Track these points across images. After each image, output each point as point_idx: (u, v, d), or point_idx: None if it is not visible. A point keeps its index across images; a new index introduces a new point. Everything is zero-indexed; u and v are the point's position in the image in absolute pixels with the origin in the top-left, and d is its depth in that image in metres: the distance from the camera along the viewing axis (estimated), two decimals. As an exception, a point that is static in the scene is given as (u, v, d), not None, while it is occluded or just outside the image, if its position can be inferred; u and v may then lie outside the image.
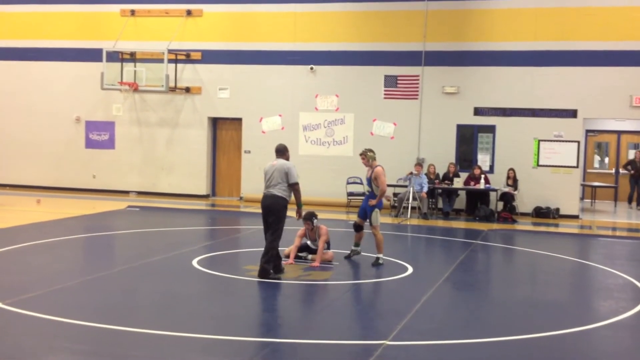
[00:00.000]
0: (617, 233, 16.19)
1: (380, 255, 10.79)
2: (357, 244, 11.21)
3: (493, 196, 17.56)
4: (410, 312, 7.90)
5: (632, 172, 20.23)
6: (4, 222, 14.02)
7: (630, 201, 20.39)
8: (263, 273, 9.48)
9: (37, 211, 16.36)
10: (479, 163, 18.08)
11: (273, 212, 9.62)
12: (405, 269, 10.49)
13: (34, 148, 21.04)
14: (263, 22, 19.45)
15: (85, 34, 20.59)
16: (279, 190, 9.62)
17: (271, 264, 9.58)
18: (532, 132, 17.94)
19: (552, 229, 16.09)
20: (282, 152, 10.03)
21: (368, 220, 10.89)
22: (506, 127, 18.09)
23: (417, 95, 18.55)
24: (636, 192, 20.29)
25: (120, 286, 9.06)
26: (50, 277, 9.25)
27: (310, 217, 10.68)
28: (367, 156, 10.89)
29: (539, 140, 17.93)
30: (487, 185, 17.38)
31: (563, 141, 17.78)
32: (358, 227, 11.11)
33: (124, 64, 19.50)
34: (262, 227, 9.92)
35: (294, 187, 9.66)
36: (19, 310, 7.50)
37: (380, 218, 11.10)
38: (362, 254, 11.11)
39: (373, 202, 10.79)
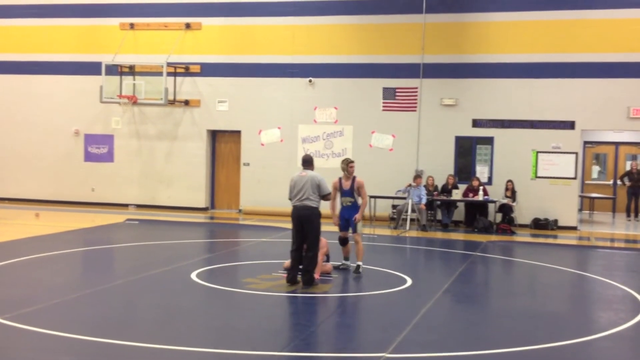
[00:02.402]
0: (616, 244, 16.20)
1: (360, 263, 10.91)
2: (346, 258, 11.32)
3: (492, 208, 17.57)
4: (409, 324, 7.90)
5: (629, 183, 20.24)
6: (2, 236, 14.00)
7: (628, 213, 20.39)
8: (310, 281, 9.84)
9: (36, 225, 16.35)
10: (478, 175, 18.11)
11: (310, 222, 9.98)
12: (404, 281, 10.49)
13: (33, 161, 21.06)
14: (262, 35, 19.53)
15: (84, 47, 20.66)
16: (313, 202, 10.02)
17: (312, 272, 9.97)
18: (530, 144, 17.98)
19: (550, 241, 16.10)
20: (309, 163, 10.41)
21: (351, 230, 11.02)
22: (504, 139, 18.13)
23: (415, 107, 18.61)
24: (634, 203, 20.30)
25: (119, 300, 9.05)
26: (49, 291, 9.24)
27: None
28: (349, 165, 11.03)
29: (537, 152, 17.97)
30: (486, 197, 17.40)
31: (561, 153, 17.82)
32: (344, 241, 11.19)
33: (123, 77, 19.55)
34: (264, 239, 9.96)
35: (326, 198, 10.19)
36: (18, 324, 7.48)
37: (363, 229, 11.26)
38: (364, 266, 11.08)
39: (359, 217, 10.94)
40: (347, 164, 11.00)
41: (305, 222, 9.95)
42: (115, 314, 8.32)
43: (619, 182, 21.53)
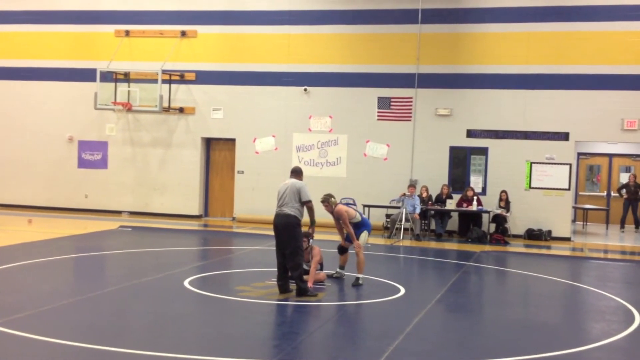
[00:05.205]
0: (609, 255, 16.22)
1: (360, 276, 10.83)
2: (342, 267, 11.31)
3: (485, 218, 17.59)
4: (402, 334, 7.89)
5: (626, 195, 20.30)
6: (-5, 242, 13.96)
7: (622, 224, 20.44)
8: (301, 292, 9.70)
9: (29, 231, 16.28)
10: (472, 185, 18.13)
11: (286, 230, 9.81)
12: (397, 290, 10.48)
13: (27, 167, 20.99)
14: (257, 43, 19.56)
15: (79, 54, 20.65)
16: (291, 209, 9.83)
17: (305, 282, 9.85)
18: (524, 155, 18.02)
19: (544, 251, 16.11)
20: (297, 173, 10.29)
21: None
22: (498, 149, 18.17)
23: (410, 116, 18.64)
24: (632, 215, 20.35)
25: (111, 307, 9.01)
26: (41, 297, 9.20)
27: (306, 235, 10.68)
28: (331, 202, 10.75)
29: (531, 163, 18.01)
30: (480, 207, 17.42)
31: (555, 164, 17.87)
32: (342, 250, 11.19)
33: (117, 84, 19.52)
34: (258, 247, 9.93)
35: (307, 205, 9.92)
36: (10, 330, 7.44)
37: (368, 239, 11.26)
38: (350, 274, 11.07)
39: (356, 246, 10.77)
40: (321, 203, 10.73)
41: (281, 229, 9.84)
42: (107, 320, 8.28)
43: (613, 193, 21.60)
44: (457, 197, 17.91)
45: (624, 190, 20.48)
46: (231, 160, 20.13)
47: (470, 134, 18.36)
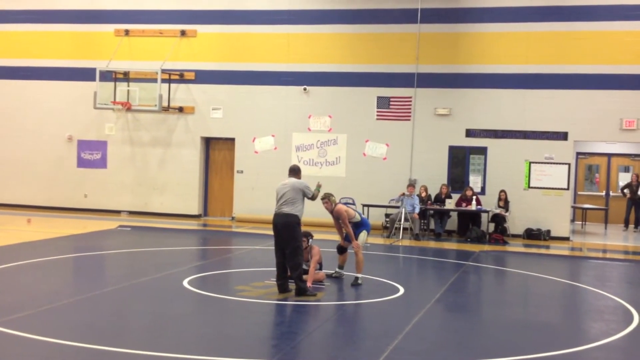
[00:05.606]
0: (608, 255, 16.23)
1: (359, 275, 10.83)
2: (341, 267, 11.33)
3: (484, 217, 17.60)
4: (401, 333, 7.90)
5: (629, 195, 20.33)
6: (-6, 241, 13.96)
7: (626, 224, 20.45)
8: (301, 291, 9.70)
9: (28, 230, 16.29)
10: (471, 184, 18.14)
11: (286, 229, 9.82)
12: (397, 290, 10.49)
13: (26, 167, 20.99)
14: (257, 42, 19.56)
15: (78, 53, 20.65)
16: (290, 208, 9.85)
17: (304, 281, 9.85)
18: (523, 154, 18.04)
19: (543, 251, 16.12)
20: (296, 172, 10.35)
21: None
22: (498, 149, 18.18)
23: (409, 116, 18.65)
24: (634, 214, 20.38)
25: (110, 306, 9.02)
26: (40, 297, 9.20)
27: (306, 235, 10.69)
28: (331, 200, 10.84)
29: (530, 162, 18.02)
30: (479, 207, 17.43)
31: (554, 163, 17.88)
32: (342, 250, 11.20)
33: (117, 83, 19.51)
34: (257, 247, 9.93)
35: (313, 198, 10.18)
36: (9, 330, 7.45)
37: (367, 239, 11.24)
38: (349, 273, 11.08)
39: (355, 246, 10.78)
40: (321, 200, 10.78)
41: (281, 228, 9.86)
42: (106, 320, 8.28)
43: (612, 193, 21.61)
44: (456, 196, 17.92)
45: (627, 190, 20.50)
46: (230, 160, 20.13)
47: (470, 133, 18.37)
